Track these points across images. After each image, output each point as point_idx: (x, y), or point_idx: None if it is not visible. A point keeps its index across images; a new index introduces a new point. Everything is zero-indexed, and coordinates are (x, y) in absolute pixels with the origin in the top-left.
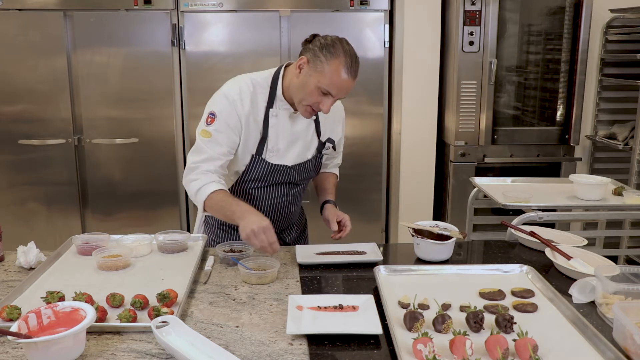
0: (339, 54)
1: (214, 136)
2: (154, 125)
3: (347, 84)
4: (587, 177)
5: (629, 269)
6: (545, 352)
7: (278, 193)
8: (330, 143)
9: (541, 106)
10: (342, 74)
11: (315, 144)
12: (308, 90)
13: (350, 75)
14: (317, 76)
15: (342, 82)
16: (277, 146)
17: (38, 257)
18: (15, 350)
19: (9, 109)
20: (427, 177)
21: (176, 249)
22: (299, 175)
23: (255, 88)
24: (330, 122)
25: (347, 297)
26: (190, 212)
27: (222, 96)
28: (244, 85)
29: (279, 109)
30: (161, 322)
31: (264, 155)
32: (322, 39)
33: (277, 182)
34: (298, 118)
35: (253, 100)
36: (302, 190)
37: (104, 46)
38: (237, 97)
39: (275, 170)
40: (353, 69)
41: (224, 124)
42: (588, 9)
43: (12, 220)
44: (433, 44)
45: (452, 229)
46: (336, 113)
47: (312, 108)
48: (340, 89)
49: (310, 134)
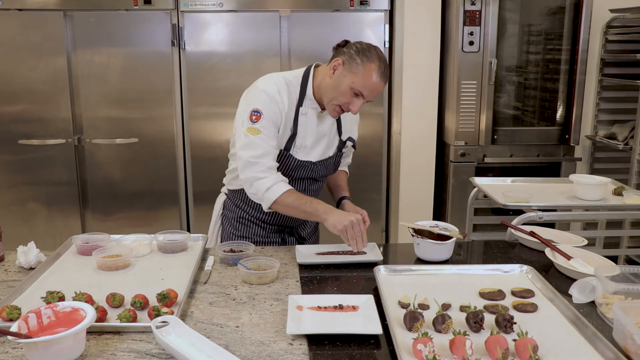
0: (374, 59)
1: (264, 132)
2: (154, 125)
3: (378, 87)
4: (587, 177)
5: (629, 269)
6: (545, 352)
7: (300, 188)
8: (350, 142)
9: (541, 106)
10: (375, 77)
11: (337, 142)
12: (341, 90)
13: (382, 79)
14: (352, 77)
15: (374, 84)
16: (304, 143)
17: (38, 257)
18: (15, 350)
19: (9, 109)
20: (427, 177)
21: (176, 249)
22: (321, 171)
23: (288, 86)
24: (349, 122)
25: (347, 297)
26: (191, 212)
27: (261, 92)
28: (280, 82)
29: (308, 107)
30: (161, 322)
31: (292, 151)
32: (357, 44)
33: (300, 177)
34: (324, 117)
35: (289, 97)
36: (321, 186)
37: (104, 46)
38: (277, 94)
39: (300, 166)
40: (385, 75)
41: (270, 120)
42: (588, 9)
43: (12, 220)
44: (433, 44)
45: (452, 229)
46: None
47: (340, 108)
48: (372, 91)
49: (333, 133)
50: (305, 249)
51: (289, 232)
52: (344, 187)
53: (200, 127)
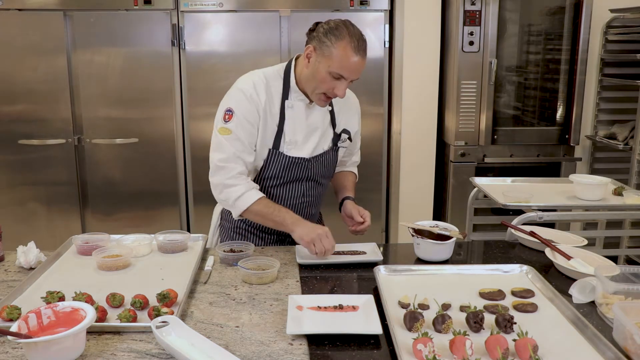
0: (344, 36)
1: (234, 132)
2: (154, 125)
3: (357, 64)
4: (587, 177)
5: (629, 269)
6: (545, 352)
7: (298, 192)
8: (345, 134)
9: (541, 106)
10: (350, 54)
11: (331, 135)
12: (320, 78)
13: (358, 54)
14: (327, 61)
15: (351, 63)
16: (294, 138)
17: (38, 257)
18: (15, 350)
19: (9, 109)
20: (427, 177)
21: (176, 249)
22: (318, 170)
23: (269, 80)
24: (345, 113)
25: (347, 297)
26: (190, 212)
27: (237, 91)
28: (257, 78)
29: (294, 100)
30: (161, 322)
31: (282, 148)
32: (325, 25)
33: (296, 179)
34: (314, 109)
35: (268, 92)
36: (323, 191)
37: (104, 46)
38: (252, 90)
39: (293, 164)
40: (361, 48)
41: (242, 119)
42: (588, 9)
43: (12, 220)
44: (433, 44)
45: (452, 229)
46: (352, 104)
47: (326, 95)
48: (352, 70)
49: (326, 125)
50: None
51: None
52: (349, 188)
53: (200, 127)
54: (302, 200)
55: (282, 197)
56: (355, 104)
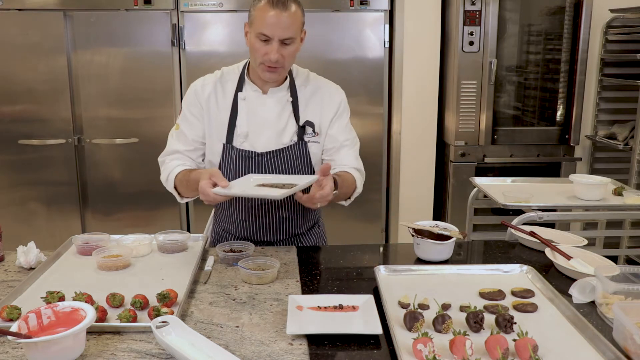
0: None
1: (181, 127)
2: (154, 125)
3: (276, 18)
4: (587, 177)
5: (629, 269)
6: (545, 352)
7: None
8: (309, 127)
9: (541, 106)
10: (267, 9)
11: (293, 128)
12: (253, 47)
13: (277, 8)
14: (252, 28)
15: (270, 18)
16: (245, 130)
17: (38, 257)
18: (15, 350)
19: (9, 109)
20: (427, 177)
21: (176, 249)
22: (277, 166)
23: (224, 75)
24: (313, 105)
25: (347, 297)
26: (190, 212)
27: (189, 88)
28: (212, 74)
29: (247, 91)
30: (161, 322)
31: (234, 142)
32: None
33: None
34: (268, 100)
35: (218, 86)
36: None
37: (104, 46)
38: (200, 85)
39: (245, 158)
40: (280, 2)
41: (188, 112)
42: (588, 9)
43: (12, 220)
44: (433, 44)
45: (452, 229)
46: (324, 94)
47: (266, 66)
48: (272, 25)
49: (285, 118)
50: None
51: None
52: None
53: None
54: (264, 200)
55: (242, 197)
56: (329, 95)
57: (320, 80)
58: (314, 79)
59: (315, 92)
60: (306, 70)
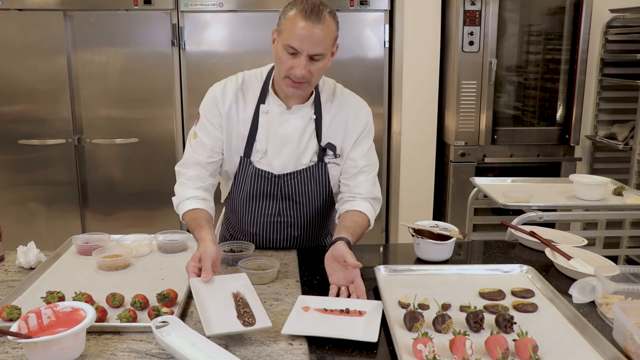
0: (297, 4)
1: (199, 136)
2: (154, 125)
3: (307, 30)
4: (587, 177)
5: (629, 269)
6: (545, 352)
7: (272, 210)
8: (331, 150)
9: (541, 106)
10: (298, 21)
11: (314, 148)
12: (279, 59)
13: (309, 20)
14: (281, 37)
15: (300, 30)
16: (264, 147)
17: (38, 257)
18: (15, 350)
19: (9, 109)
20: (427, 177)
21: (176, 249)
22: (295, 189)
23: (246, 82)
24: (337, 124)
25: (356, 302)
26: None
27: (207, 94)
28: (233, 79)
29: (270, 104)
30: (161, 322)
31: (252, 157)
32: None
33: (267, 195)
34: (291, 116)
35: (239, 95)
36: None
37: (104, 46)
38: (220, 92)
39: (261, 177)
40: (313, 13)
41: (207, 121)
42: (588, 9)
43: (12, 220)
44: (433, 44)
45: (452, 229)
46: (349, 113)
47: (290, 80)
48: (302, 38)
49: (306, 137)
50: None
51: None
52: (345, 227)
53: None
54: (278, 219)
55: (253, 213)
56: (356, 115)
57: (346, 97)
58: (340, 95)
59: (341, 111)
60: (332, 82)
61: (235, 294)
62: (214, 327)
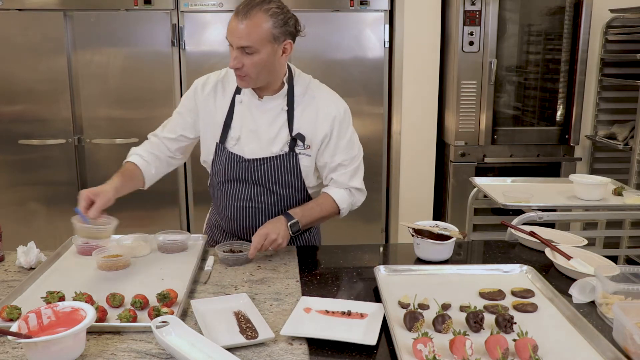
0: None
1: (173, 116)
2: (154, 125)
3: (233, 24)
4: (587, 177)
5: (629, 269)
6: (545, 352)
7: (244, 195)
8: (300, 140)
9: (541, 106)
10: (232, 17)
11: (285, 138)
12: None
13: (236, 15)
14: None
15: (230, 24)
16: (238, 134)
17: (38, 257)
18: (15, 350)
19: (9, 109)
20: (427, 177)
21: (176, 249)
22: (266, 175)
23: (227, 76)
24: (307, 117)
25: (358, 304)
26: (190, 212)
27: (193, 84)
28: (217, 72)
29: (244, 95)
30: (161, 322)
31: (227, 143)
32: None
33: (239, 179)
34: (266, 108)
35: (219, 86)
36: (282, 201)
37: (104, 46)
38: (202, 83)
39: (233, 161)
40: (243, 10)
41: (183, 106)
42: (588, 9)
43: (12, 220)
44: (433, 44)
45: (452, 229)
46: (319, 109)
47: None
48: (230, 32)
49: (277, 126)
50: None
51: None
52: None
53: None
54: (250, 204)
55: (227, 197)
56: (326, 109)
57: (318, 91)
58: (313, 89)
59: (310, 104)
60: (308, 78)
61: (236, 312)
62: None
